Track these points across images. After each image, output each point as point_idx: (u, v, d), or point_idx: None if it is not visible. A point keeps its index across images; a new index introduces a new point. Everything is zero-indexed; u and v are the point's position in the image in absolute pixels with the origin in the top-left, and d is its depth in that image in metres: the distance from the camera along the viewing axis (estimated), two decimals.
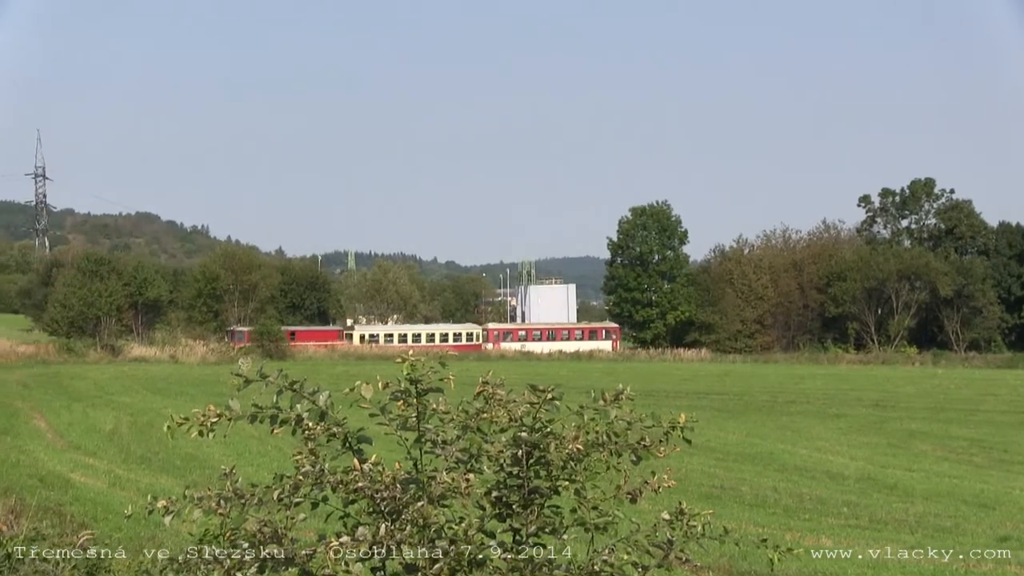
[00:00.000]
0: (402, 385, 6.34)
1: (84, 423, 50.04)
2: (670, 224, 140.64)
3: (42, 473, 34.92)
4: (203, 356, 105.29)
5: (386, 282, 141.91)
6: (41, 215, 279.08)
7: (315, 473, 6.23)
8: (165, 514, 6.32)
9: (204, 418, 6.28)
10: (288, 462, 6.45)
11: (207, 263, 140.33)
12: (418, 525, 6.03)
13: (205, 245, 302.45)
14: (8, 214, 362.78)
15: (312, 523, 6.59)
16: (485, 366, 7.55)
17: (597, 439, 6.53)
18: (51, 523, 21.99)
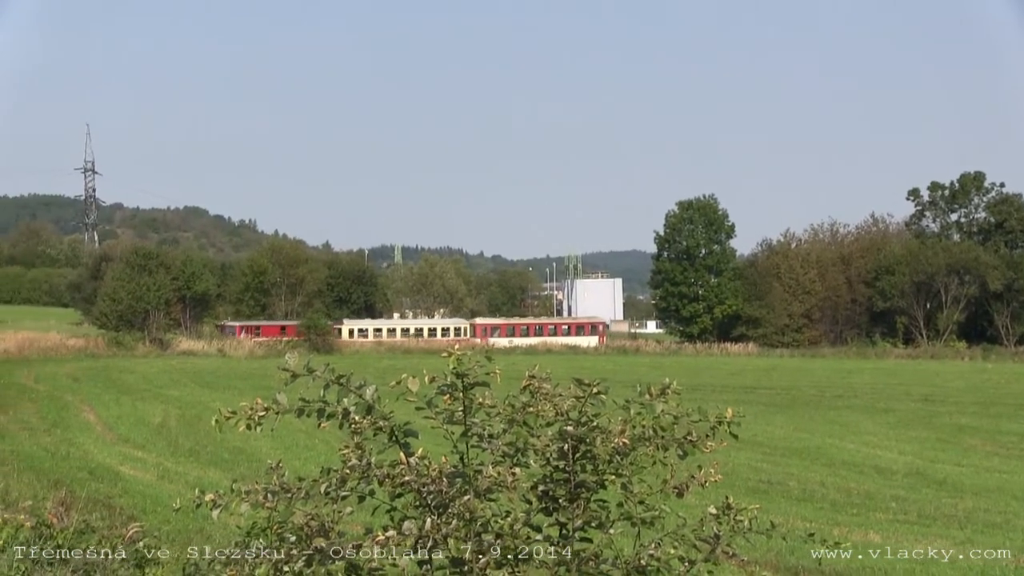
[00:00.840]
0: (448, 379, 6.34)
1: (133, 416, 50.39)
2: (717, 218, 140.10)
3: (92, 466, 35.18)
4: (251, 350, 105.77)
5: (432, 276, 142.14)
6: (90, 209, 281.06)
7: (362, 467, 6.23)
8: (213, 508, 6.35)
9: (251, 412, 6.30)
10: (335, 455, 6.46)
11: (255, 257, 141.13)
12: (464, 519, 6.03)
13: (253, 239, 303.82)
14: (58, 208, 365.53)
15: (359, 517, 6.60)
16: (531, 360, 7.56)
17: (643, 433, 6.51)
18: (100, 516, 22.20)
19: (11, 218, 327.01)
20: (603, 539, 6.42)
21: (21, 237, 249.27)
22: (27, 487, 27.87)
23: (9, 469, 31.60)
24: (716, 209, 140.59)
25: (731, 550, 6.44)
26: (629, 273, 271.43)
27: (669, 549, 6.36)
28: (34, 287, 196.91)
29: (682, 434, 6.58)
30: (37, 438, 42.16)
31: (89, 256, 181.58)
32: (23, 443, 40.06)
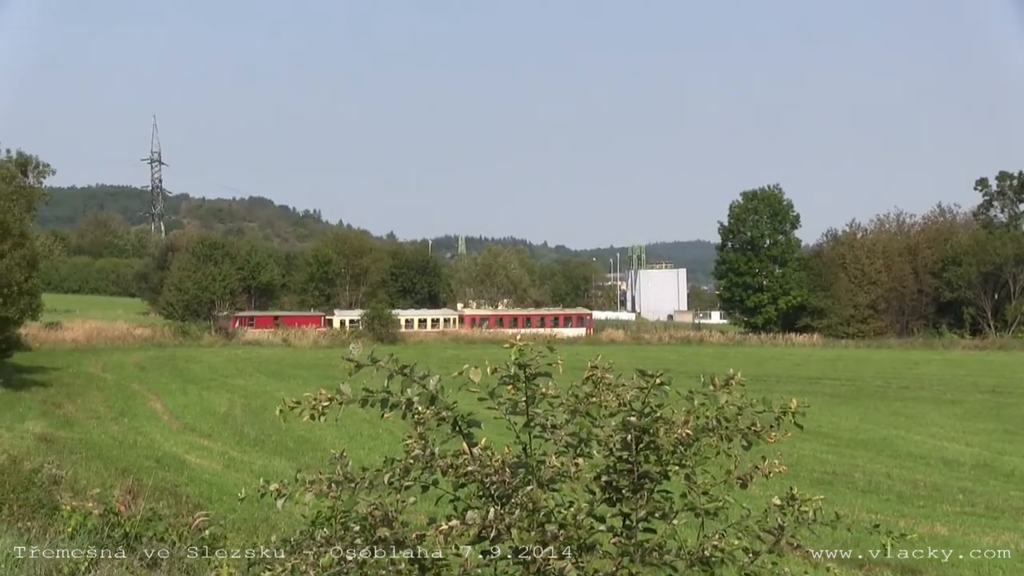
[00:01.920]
0: (511, 369, 6.34)
1: (199, 405, 50.79)
2: (782, 208, 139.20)
3: (159, 454, 35.52)
4: (315, 340, 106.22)
5: (496, 266, 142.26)
6: (157, 200, 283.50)
7: (425, 457, 6.25)
8: (278, 497, 6.39)
9: (315, 402, 6.33)
10: (399, 445, 6.48)
11: (319, 247, 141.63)
12: (527, 509, 6.03)
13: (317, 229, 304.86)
14: (125, 199, 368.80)
15: (422, 506, 6.62)
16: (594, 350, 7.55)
17: (707, 424, 6.48)
18: (167, 504, 22.39)
19: (79, 208, 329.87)
20: (667, 530, 6.41)
21: (89, 227, 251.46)
22: (95, 475, 28.19)
23: (78, 457, 31.95)
24: (781, 199, 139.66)
25: (795, 541, 6.41)
26: (693, 263, 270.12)
27: (733, 540, 6.34)
28: (102, 277, 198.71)
29: (746, 424, 6.55)
30: (105, 427, 42.63)
31: (156, 246, 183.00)
32: (91, 431, 40.51)
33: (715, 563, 6.27)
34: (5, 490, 19.89)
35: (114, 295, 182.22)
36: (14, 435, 35.45)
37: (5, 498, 19.42)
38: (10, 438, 34.11)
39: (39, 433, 37.34)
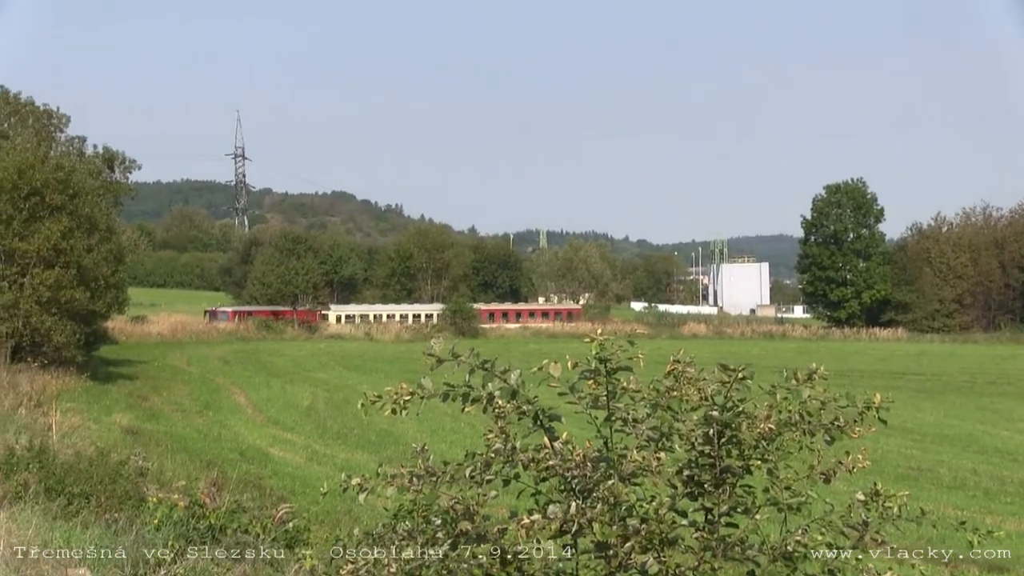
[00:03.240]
0: (592, 364, 6.33)
1: (282, 399, 51.17)
2: (865, 202, 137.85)
3: (243, 447, 35.85)
4: (397, 334, 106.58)
5: (577, 261, 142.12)
6: (241, 195, 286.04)
7: (506, 451, 6.26)
8: (360, 491, 6.42)
9: (397, 396, 6.36)
10: (480, 439, 6.49)
11: (401, 241, 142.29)
12: (609, 503, 6.03)
13: (399, 224, 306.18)
14: (209, 193, 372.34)
15: (504, 500, 6.63)
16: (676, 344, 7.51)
17: (790, 418, 6.45)
18: (251, 496, 22.58)
19: (164, 203, 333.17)
20: (749, 524, 6.38)
21: (174, 222, 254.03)
22: (181, 467, 28.48)
23: (163, 450, 32.32)
24: (864, 193, 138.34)
25: (880, 537, 6.35)
26: (776, 257, 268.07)
27: (816, 535, 6.30)
28: (186, 271, 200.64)
29: (829, 419, 6.51)
30: (190, 419, 43.08)
31: (239, 240, 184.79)
32: (176, 424, 40.96)
33: (798, 558, 6.23)
34: (93, 482, 20.13)
35: (198, 289, 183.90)
36: (101, 427, 35.89)
37: (93, 489, 19.66)
38: (97, 430, 34.53)
39: (125, 426, 37.79)
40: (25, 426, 31.38)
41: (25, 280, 49.23)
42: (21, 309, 48.77)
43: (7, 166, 50.11)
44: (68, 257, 50.06)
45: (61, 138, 72.78)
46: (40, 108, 72.59)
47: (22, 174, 49.72)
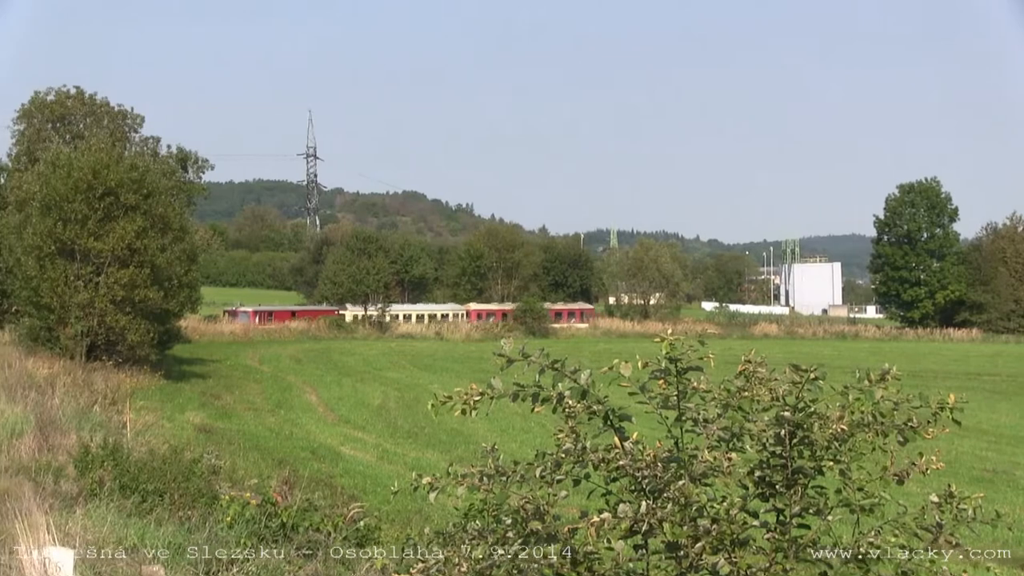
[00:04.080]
0: (662, 364, 6.32)
1: (353, 397, 51.41)
2: (939, 201, 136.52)
3: (314, 446, 36.06)
4: (467, 333, 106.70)
5: (647, 260, 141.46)
6: (312, 194, 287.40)
7: (577, 451, 6.26)
8: (430, 490, 6.44)
9: (467, 396, 6.37)
10: (550, 439, 6.49)
11: (471, 241, 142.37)
12: (680, 503, 6.01)
13: (469, 223, 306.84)
14: (281, 193, 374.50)
15: (574, 500, 6.63)
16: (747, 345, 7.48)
17: (862, 419, 6.40)
18: (323, 495, 22.71)
19: (237, 203, 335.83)
20: (821, 526, 6.34)
21: (246, 221, 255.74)
22: (253, 466, 28.72)
23: (236, 448, 32.58)
24: (938, 192, 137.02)
25: (954, 539, 6.30)
26: (848, 257, 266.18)
27: (889, 537, 6.25)
28: (258, 270, 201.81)
29: (902, 420, 6.46)
30: (262, 418, 43.39)
31: (311, 240, 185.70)
32: (249, 423, 41.27)
33: (871, 560, 6.18)
34: (166, 479, 20.31)
35: (270, 288, 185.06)
36: (175, 425, 36.25)
37: (166, 487, 19.83)
38: (171, 428, 34.87)
39: (198, 424, 38.14)
40: (100, 424, 31.74)
41: (100, 279, 49.76)
42: (96, 308, 49.32)
43: (82, 166, 50.67)
44: (142, 256, 50.53)
45: (135, 138, 73.60)
46: (115, 109, 73.36)
47: (97, 174, 50.25)
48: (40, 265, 49.46)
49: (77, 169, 50.43)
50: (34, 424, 27.96)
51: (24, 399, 32.73)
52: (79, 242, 49.51)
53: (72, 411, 33.03)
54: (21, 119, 70.94)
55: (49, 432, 27.24)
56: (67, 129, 71.12)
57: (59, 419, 30.09)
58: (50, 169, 52.69)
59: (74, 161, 51.75)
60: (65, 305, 49.22)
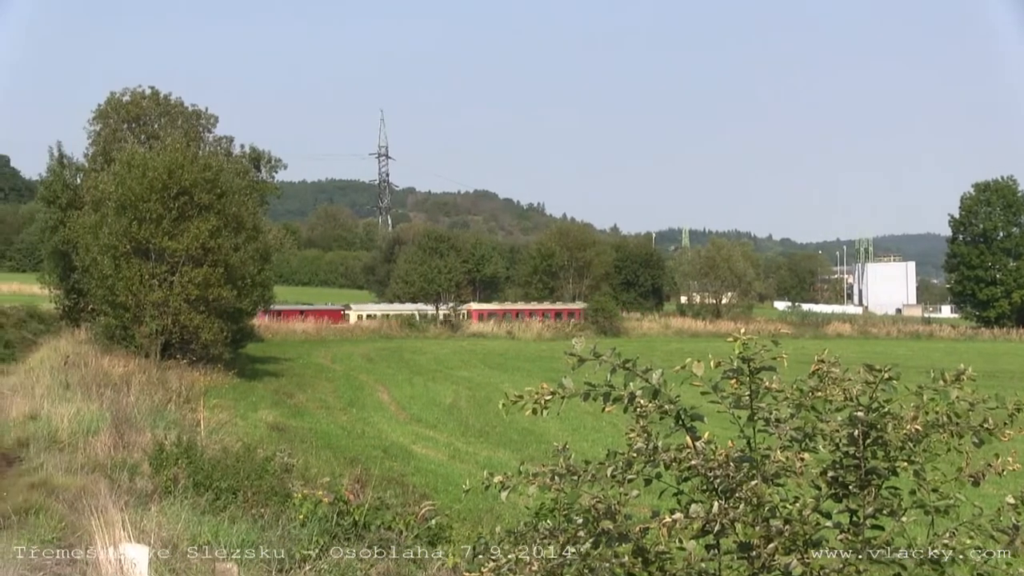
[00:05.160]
0: (734, 363, 6.29)
1: (425, 396, 51.50)
2: (1016, 200, 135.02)
3: (386, 444, 36.18)
4: (539, 332, 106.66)
5: (719, 259, 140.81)
6: (384, 194, 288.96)
7: (648, 450, 6.25)
8: (502, 489, 6.45)
9: (538, 396, 6.37)
10: (621, 438, 6.48)
11: (543, 240, 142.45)
12: (752, 504, 5.99)
13: (541, 222, 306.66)
14: (354, 193, 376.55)
15: (645, 499, 6.62)
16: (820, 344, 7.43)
17: (937, 420, 6.34)
18: (394, 493, 22.80)
19: (310, 202, 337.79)
20: (895, 527, 6.29)
21: (319, 221, 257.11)
22: (325, 464, 28.85)
23: (308, 446, 32.75)
24: (1015, 191, 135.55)
25: None
26: (923, 256, 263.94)
27: (965, 539, 6.18)
28: (331, 269, 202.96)
29: (978, 421, 6.39)
30: (334, 416, 43.60)
31: (383, 239, 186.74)
32: (321, 421, 41.48)
33: (946, 562, 6.12)
34: (240, 477, 20.46)
35: (343, 287, 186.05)
36: (248, 424, 36.49)
37: (240, 485, 19.98)
38: (244, 427, 35.11)
39: (271, 422, 38.37)
40: (174, 422, 32.05)
41: (174, 278, 50.19)
42: (170, 307, 49.75)
43: (157, 166, 51.10)
44: (216, 256, 50.89)
45: (209, 138, 73.98)
46: (189, 109, 73.89)
47: (171, 174, 50.67)
48: (116, 264, 49.94)
49: (152, 169, 50.88)
50: (110, 422, 28.28)
51: (100, 397, 33.12)
52: (154, 241, 49.96)
53: (147, 409, 33.36)
54: (97, 120, 71.53)
55: (124, 430, 27.54)
56: (142, 129, 71.66)
57: (134, 417, 30.42)
58: (125, 169, 53.14)
59: (149, 161, 52.20)
60: (140, 304, 49.70)
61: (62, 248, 62.86)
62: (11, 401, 33.04)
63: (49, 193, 67.77)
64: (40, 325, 78.31)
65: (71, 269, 61.66)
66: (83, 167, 68.94)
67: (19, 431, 28.61)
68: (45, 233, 70.44)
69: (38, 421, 29.18)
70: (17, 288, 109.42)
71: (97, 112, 71.96)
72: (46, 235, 69.67)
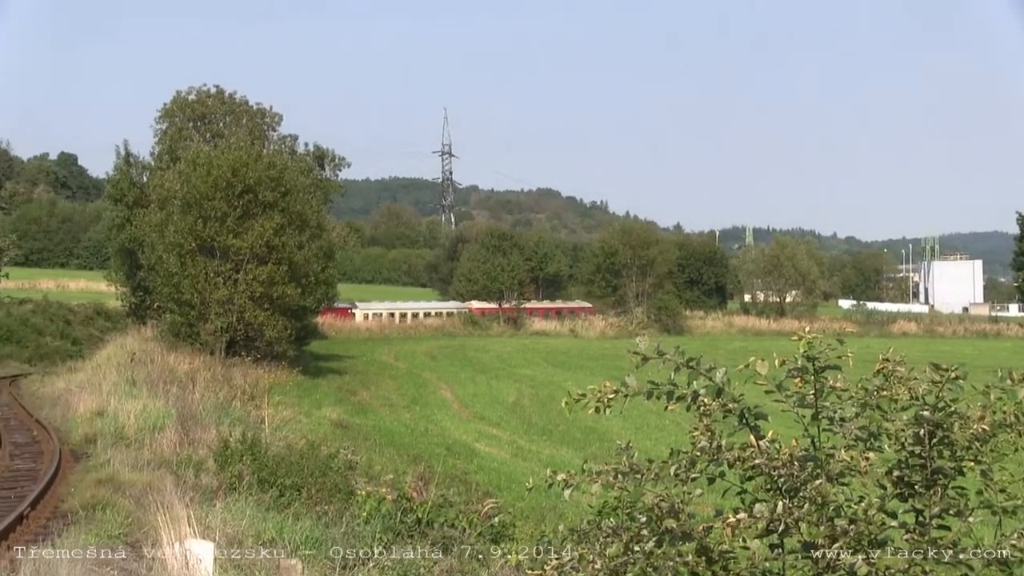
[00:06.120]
0: (799, 362, 6.26)
1: (488, 394, 51.56)
2: None
3: (449, 442, 36.26)
4: (602, 330, 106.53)
5: (783, 258, 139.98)
6: (447, 192, 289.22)
7: (712, 449, 6.23)
8: (565, 487, 6.46)
9: (600, 394, 6.36)
10: (685, 436, 6.47)
11: (606, 238, 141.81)
12: (816, 503, 5.96)
13: (604, 220, 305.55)
14: (417, 191, 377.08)
15: (709, 498, 6.60)
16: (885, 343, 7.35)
17: (1004, 419, 6.29)
18: (457, 491, 22.85)
19: (373, 200, 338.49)
20: (962, 527, 6.23)
21: (382, 219, 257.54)
22: (388, 461, 28.98)
23: (371, 444, 32.90)
24: None
25: None
26: (990, 255, 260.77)
27: None
28: (394, 267, 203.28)
29: None
30: (397, 414, 43.76)
31: (446, 237, 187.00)
32: (384, 419, 41.64)
33: (1014, 563, 6.07)
34: (304, 474, 20.59)
35: (406, 285, 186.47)
36: (312, 421, 36.69)
37: (304, 482, 20.11)
38: (308, 424, 35.31)
39: (335, 419, 38.57)
40: (239, 419, 32.31)
41: (239, 276, 50.56)
42: (235, 304, 50.14)
43: (222, 164, 51.51)
44: (280, 254, 51.21)
45: (273, 136, 74.42)
46: (253, 107, 74.35)
47: (236, 172, 51.06)
48: (181, 262, 50.37)
49: (217, 167, 51.30)
50: (175, 418, 28.55)
51: (166, 393, 33.45)
52: (219, 239, 50.35)
53: (212, 406, 33.66)
54: (163, 118, 72.17)
55: (190, 426, 27.80)
56: (207, 128, 72.23)
57: (199, 414, 30.70)
58: (190, 167, 53.63)
59: (214, 159, 52.64)
60: (205, 301, 50.12)
61: (128, 246, 63.47)
62: (79, 397, 33.46)
63: (116, 191, 68.50)
64: (107, 322, 79.36)
65: (137, 267, 62.24)
66: (149, 165, 69.57)
67: (87, 427, 28.96)
68: (112, 231, 71.19)
69: (105, 417, 29.50)
70: (84, 286, 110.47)
71: (163, 111, 72.60)
72: (113, 233, 70.42)
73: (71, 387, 37.22)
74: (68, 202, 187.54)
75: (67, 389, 37.32)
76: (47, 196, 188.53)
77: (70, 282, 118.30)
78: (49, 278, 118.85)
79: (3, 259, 79.85)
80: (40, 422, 31.46)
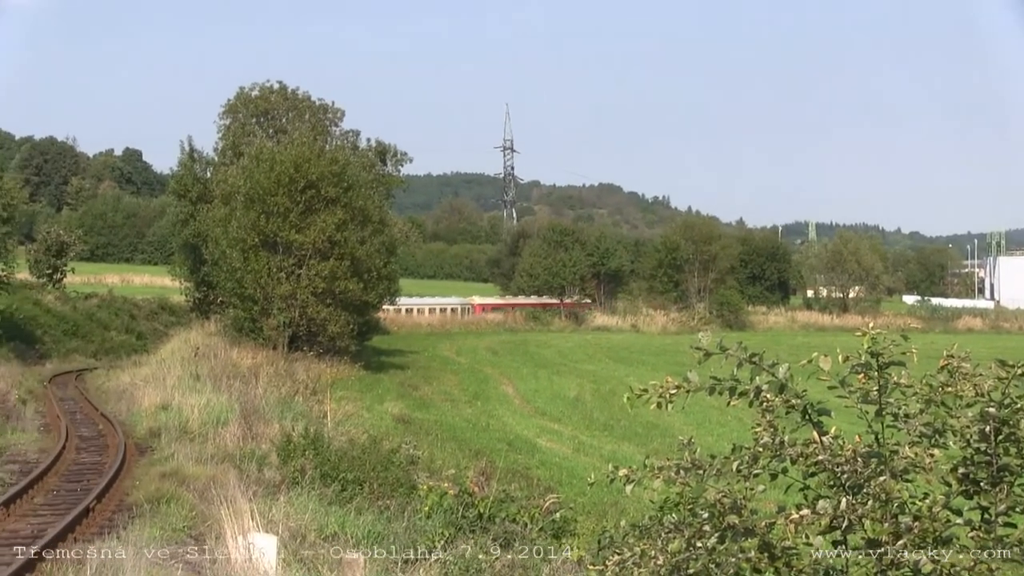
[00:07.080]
0: (862, 358, 6.22)
1: (549, 390, 51.52)
2: None
3: (510, 437, 36.27)
4: (664, 326, 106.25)
5: (847, 253, 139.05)
6: (509, 187, 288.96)
7: (774, 445, 6.21)
8: (626, 483, 6.45)
9: (663, 390, 6.35)
10: (747, 432, 6.44)
11: (667, 233, 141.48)
12: (880, 500, 5.92)
13: (666, 216, 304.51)
14: (478, 186, 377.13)
15: (771, 495, 6.57)
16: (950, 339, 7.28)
17: None
18: (519, 486, 22.88)
19: (435, 196, 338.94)
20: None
21: (444, 214, 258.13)
22: (450, 456, 29.02)
23: (433, 439, 32.96)
24: None
25: None
26: None
27: None
28: (456, 263, 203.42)
29: None
30: (459, 409, 43.82)
31: (507, 232, 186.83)
32: (446, 413, 41.71)
33: None
34: (366, 469, 20.68)
35: (467, 280, 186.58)
36: (374, 416, 36.82)
37: (366, 476, 20.20)
38: (370, 419, 35.45)
39: (397, 414, 38.68)
40: (301, 413, 32.49)
41: (302, 271, 50.78)
42: (298, 299, 50.39)
43: (284, 160, 51.78)
44: (342, 249, 51.38)
45: (336, 132, 74.61)
46: (316, 103, 74.63)
47: (299, 168, 51.30)
48: (244, 257, 50.64)
49: (279, 163, 51.57)
50: (238, 413, 28.77)
51: (229, 388, 33.68)
52: (281, 235, 50.61)
53: (274, 400, 33.87)
54: (227, 114, 72.58)
55: (253, 421, 28.01)
56: (270, 124, 72.57)
57: (262, 408, 30.91)
58: (254, 163, 53.98)
59: (276, 155, 52.95)
60: (268, 296, 50.40)
61: (192, 241, 63.97)
62: (143, 391, 33.76)
63: (180, 187, 69.04)
64: (171, 317, 79.96)
65: (201, 262, 62.63)
66: (213, 161, 70.04)
67: (151, 421, 29.23)
68: (176, 226, 71.80)
69: (169, 411, 29.77)
70: (149, 280, 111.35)
71: (226, 107, 73.01)
72: (177, 228, 71.02)
73: (136, 381, 37.53)
74: (133, 197, 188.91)
75: (132, 383, 37.63)
76: (112, 192, 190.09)
77: (135, 277, 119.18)
78: (114, 273, 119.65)
79: (69, 254, 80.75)
80: (105, 416, 31.76)
